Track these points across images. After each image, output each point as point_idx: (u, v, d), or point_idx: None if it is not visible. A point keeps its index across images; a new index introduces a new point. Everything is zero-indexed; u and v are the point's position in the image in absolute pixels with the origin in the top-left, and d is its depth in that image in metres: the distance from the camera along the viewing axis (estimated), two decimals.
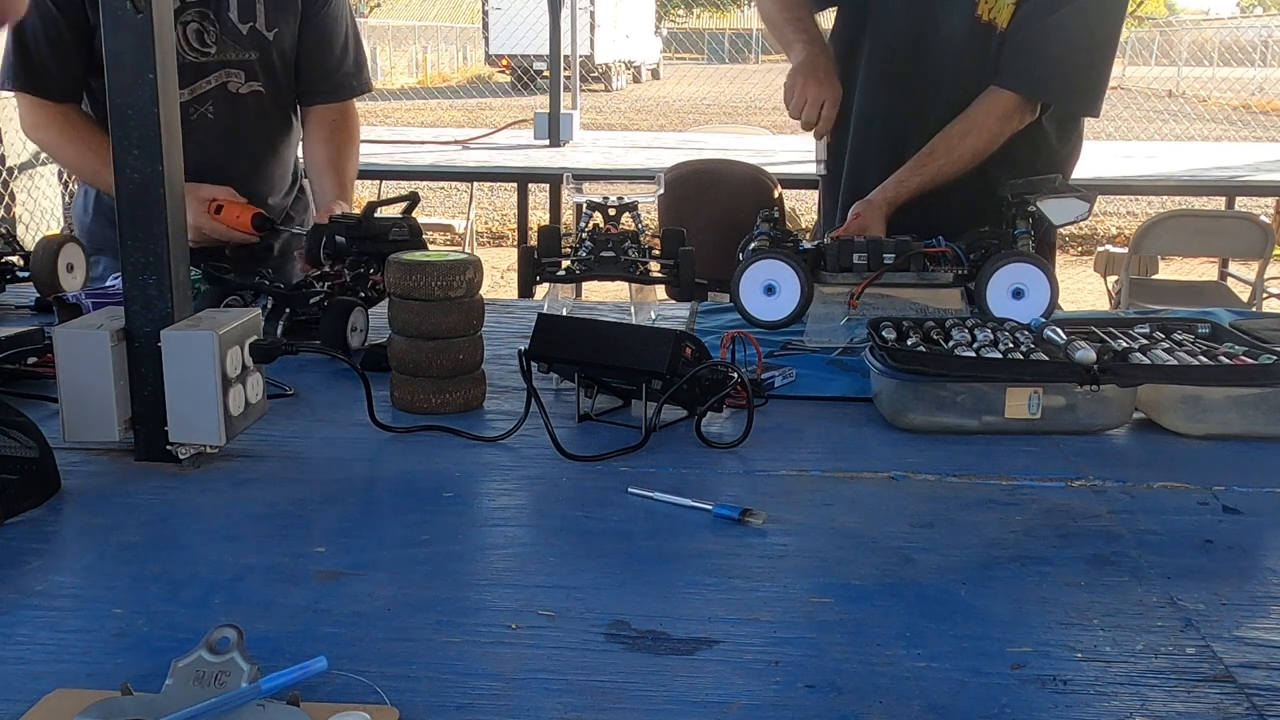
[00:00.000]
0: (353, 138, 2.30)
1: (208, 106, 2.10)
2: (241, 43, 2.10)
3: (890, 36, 2.09)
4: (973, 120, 1.99)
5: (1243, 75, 19.39)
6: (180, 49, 2.03)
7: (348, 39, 2.24)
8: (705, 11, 35.79)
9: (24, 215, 5.88)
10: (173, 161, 1.19)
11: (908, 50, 2.07)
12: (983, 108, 1.99)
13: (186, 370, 1.18)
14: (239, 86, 2.12)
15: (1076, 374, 1.33)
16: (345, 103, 2.28)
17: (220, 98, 2.11)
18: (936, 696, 0.81)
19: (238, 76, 2.11)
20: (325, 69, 2.23)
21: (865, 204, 1.99)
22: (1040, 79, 2.00)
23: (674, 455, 1.28)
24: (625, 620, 0.91)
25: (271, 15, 2.12)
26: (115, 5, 1.15)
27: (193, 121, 2.08)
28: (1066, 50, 1.98)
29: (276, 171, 2.28)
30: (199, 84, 2.08)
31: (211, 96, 2.10)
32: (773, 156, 5.01)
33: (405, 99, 18.90)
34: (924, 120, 2.04)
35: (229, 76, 2.11)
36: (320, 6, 2.19)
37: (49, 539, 1.06)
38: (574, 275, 1.71)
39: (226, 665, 0.74)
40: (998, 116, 1.99)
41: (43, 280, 1.85)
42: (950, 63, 2.04)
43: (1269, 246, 4.47)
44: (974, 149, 1.99)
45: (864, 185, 2.07)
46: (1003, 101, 1.99)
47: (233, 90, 2.12)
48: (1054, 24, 1.95)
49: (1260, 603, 0.96)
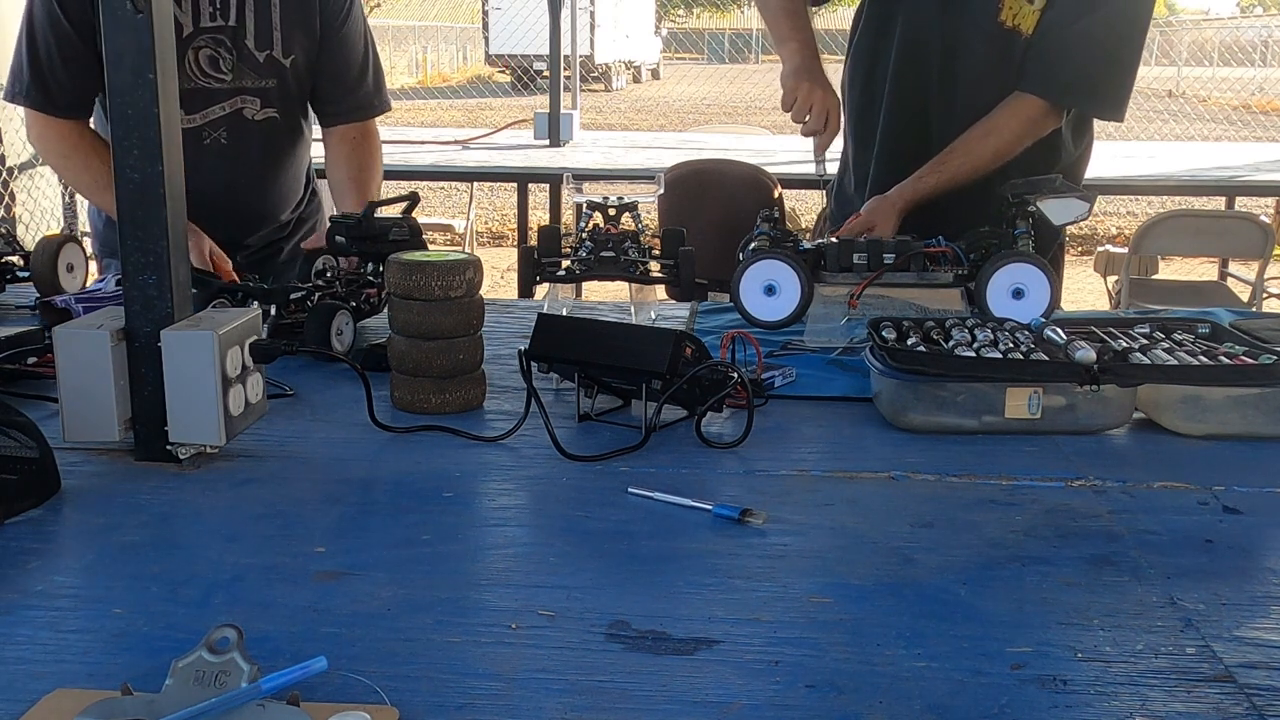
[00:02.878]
0: (374, 156, 2.28)
1: (221, 132, 2.08)
2: (259, 70, 2.08)
3: (920, 35, 2.06)
4: (995, 122, 1.98)
5: (1243, 75, 19.39)
6: (192, 74, 2.02)
7: (366, 59, 2.21)
8: (705, 11, 35.79)
9: (24, 215, 5.88)
10: (173, 161, 1.19)
11: (936, 53, 2.05)
12: (1006, 111, 1.98)
13: (186, 370, 1.18)
14: (254, 113, 2.10)
15: (1076, 374, 1.33)
16: (366, 122, 2.26)
17: (234, 124, 2.09)
18: (936, 696, 0.81)
19: (253, 104, 2.10)
20: (344, 90, 2.20)
21: (879, 200, 1.98)
22: (1066, 85, 1.99)
23: (674, 455, 1.28)
24: (625, 620, 0.91)
25: (288, 42, 2.10)
26: (115, 5, 1.15)
27: (205, 146, 2.06)
28: (1092, 56, 1.97)
29: (287, 189, 2.26)
30: (211, 109, 2.06)
31: (225, 122, 2.08)
32: (773, 156, 5.01)
33: (405, 99, 18.88)
34: (951, 124, 2.03)
35: (245, 103, 2.09)
36: (338, 28, 2.16)
37: (49, 539, 1.06)
38: (574, 275, 1.71)
39: (226, 665, 0.74)
40: (1022, 120, 1.98)
41: (43, 280, 1.85)
42: (974, 66, 2.02)
43: (1269, 246, 4.47)
44: (995, 150, 1.98)
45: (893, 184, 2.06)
46: (1028, 106, 1.98)
47: (248, 117, 2.10)
48: (1080, 30, 1.94)
49: (1260, 603, 0.96)
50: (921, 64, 2.07)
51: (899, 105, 2.11)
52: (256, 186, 2.18)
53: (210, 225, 2.04)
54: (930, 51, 2.06)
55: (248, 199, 2.14)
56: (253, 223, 2.21)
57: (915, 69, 2.08)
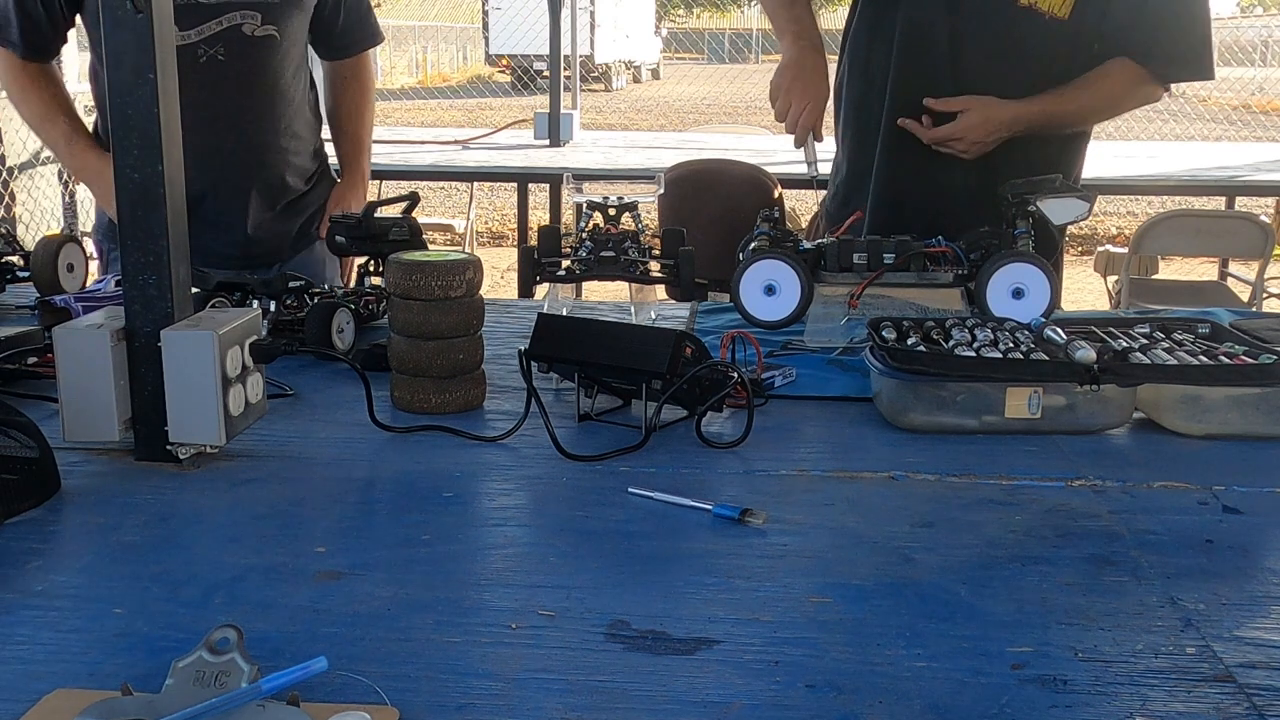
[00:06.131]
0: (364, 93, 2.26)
1: (218, 49, 2.04)
2: None
3: (924, 22, 2.01)
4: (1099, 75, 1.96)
5: (1243, 75, 19.36)
6: None
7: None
8: (705, 11, 35.78)
9: (24, 215, 5.88)
10: (173, 161, 1.19)
11: (942, 41, 1.99)
12: (1110, 68, 1.96)
13: (186, 370, 1.18)
14: (253, 29, 2.06)
15: (1076, 374, 1.33)
16: (357, 58, 2.24)
17: (232, 39, 2.05)
18: (936, 696, 0.81)
19: (253, 19, 2.05)
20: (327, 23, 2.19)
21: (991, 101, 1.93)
22: (1170, 57, 1.98)
23: (674, 455, 1.28)
24: (625, 620, 0.91)
25: None
26: (115, 5, 1.15)
27: (202, 64, 2.03)
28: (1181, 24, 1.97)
29: (294, 123, 2.20)
30: (208, 25, 2.02)
31: (223, 38, 2.04)
32: (773, 156, 5.00)
33: (405, 99, 18.88)
34: None
35: (244, 18, 2.05)
36: None
37: (49, 539, 1.06)
38: (574, 275, 1.71)
39: (226, 665, 0.74)
40: (1125, 82, 1.98)
41: (43, 280, 1.85)
42: (986, 53, 1.98)
43: (1269, 246, 4.47)
44: (1107, 96, 1.99)
45: (896, 177, 2.03)
46: (1129, 71, 1.97)
47: (247, 33, 2.06)
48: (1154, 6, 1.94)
49: (1260, 603, 0.96)
50: (926, 53, 2.01)
51: (902, 97, 2.04)
52: (256, 108, 2.12)
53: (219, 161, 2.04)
54: (936, 39, 2.00)
55: (246, 119, 2.09)
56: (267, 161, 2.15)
57: (919, 58, 2.02)
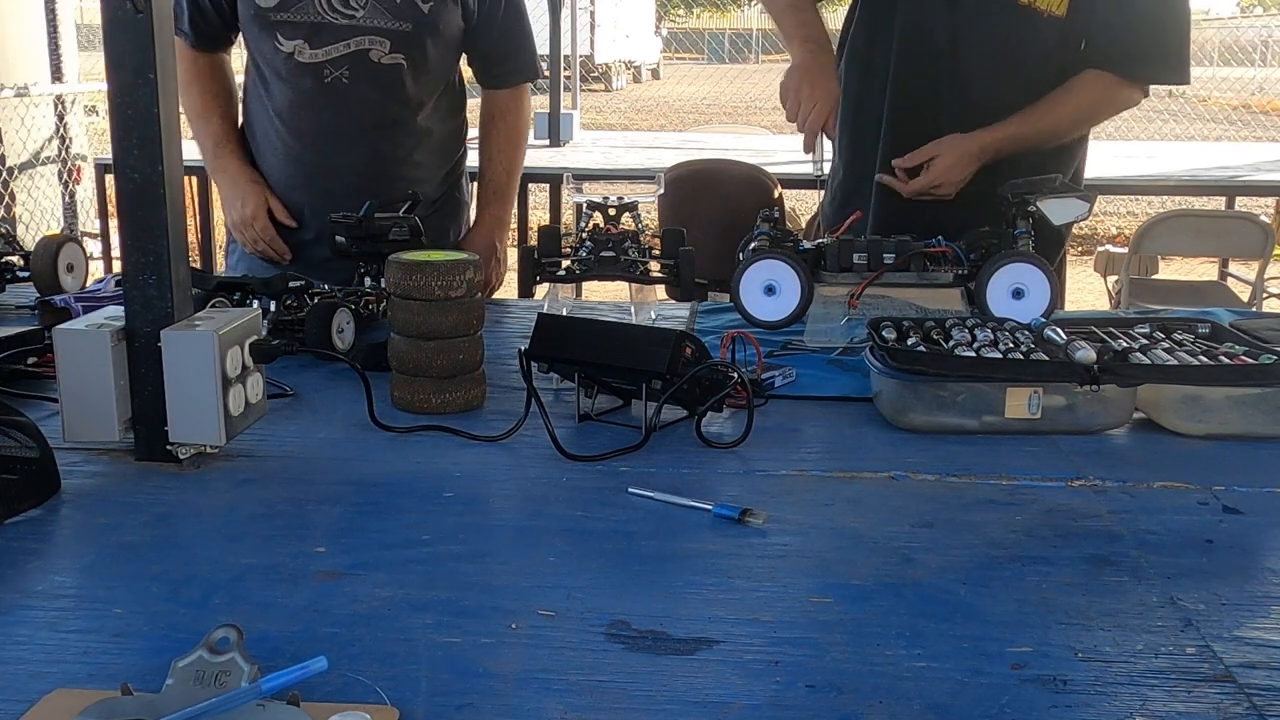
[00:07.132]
0: (511, 135, 2.27)
1: (343, 71, 2.06)
2: (394, 11, 2.06)
3: (923, 22, 2.01)
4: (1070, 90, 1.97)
5: (1243, 75, 19.36)
6: (320, 9, 2.03)
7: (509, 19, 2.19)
8: (705, 11, 35.76)
9: (24, 215, 5.89)
10: (173, 161, 1.19)
11: (942, 40, 1.99)
12: (1079, 83, 1.97)
13: (186, 370, 1.18)
14: (380, 55, 2.07)
15: (1076, 374, 1.33)
16: (510, 93, 2.26)
17: (358, 63, 2.07)
18: (936, 696, 0.81)
19: (381, 46, 2.07)
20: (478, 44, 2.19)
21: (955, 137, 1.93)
22: (1139, 58, 1.98)
23: (674, 455, 1.28)
24: (625, 620, 0.91)
25: None
26: (115, 5, 1.15)
27: (326, 84, 2.06)
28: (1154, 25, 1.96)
29: (416, 152, 2.20)
30: (335, 46, 2.05)
31: (349, 61, 2.06)
32: (773, 156, 5.01)
33: None
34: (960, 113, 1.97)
35: (372, 44, 2.06)
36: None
37: (49, 539, 1.06)
38: (574, 275, 1.71)
39: (226, 665, 0.74)
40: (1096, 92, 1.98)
41: (43, 280, 1.85)
42: (986, 53, 1.98)
43: (1269, 246, 4.47)
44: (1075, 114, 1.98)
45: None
46: (1100, 81, 1.97)
47: (374, 59, 2.07)
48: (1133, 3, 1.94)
49: (1260, 603, 0.96)
50: (926, 53, 2.01)
51: (902, 97, 2.04)
52: (378, 134, 2.13)
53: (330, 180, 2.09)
54: (935, 39, 2.00)
55: (366, 144, 2.11)
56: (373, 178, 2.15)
57: (919, 58, 2.02)
